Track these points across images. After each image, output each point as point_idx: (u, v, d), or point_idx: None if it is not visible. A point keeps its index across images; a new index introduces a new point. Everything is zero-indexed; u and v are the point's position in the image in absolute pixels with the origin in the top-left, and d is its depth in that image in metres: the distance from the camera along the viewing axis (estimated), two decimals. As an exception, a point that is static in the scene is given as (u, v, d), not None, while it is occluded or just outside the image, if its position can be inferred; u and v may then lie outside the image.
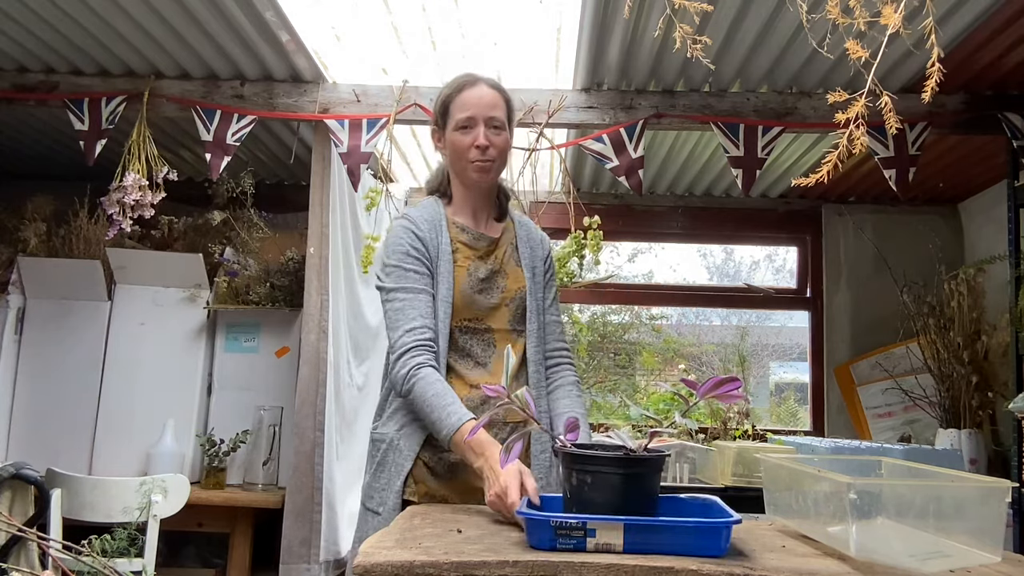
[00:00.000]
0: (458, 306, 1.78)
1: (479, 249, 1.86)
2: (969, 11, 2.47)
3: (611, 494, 1.27)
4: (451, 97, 1.84)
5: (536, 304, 1.88)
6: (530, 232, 1.97)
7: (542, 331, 1.89)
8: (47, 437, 3.19)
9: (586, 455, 1.32)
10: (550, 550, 1.20)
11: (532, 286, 1.88)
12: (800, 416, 5.96)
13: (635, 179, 3.02)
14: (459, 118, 1.81)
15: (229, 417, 3.25)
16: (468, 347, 1.79)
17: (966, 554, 1.22)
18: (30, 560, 2.19)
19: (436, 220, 1.85)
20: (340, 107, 3.12)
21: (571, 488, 1.31)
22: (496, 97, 1.83)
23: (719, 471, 3.15)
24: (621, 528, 1.20)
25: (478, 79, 1.85)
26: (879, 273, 3.91)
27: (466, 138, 1.80)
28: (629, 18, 2.55)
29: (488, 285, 1.82)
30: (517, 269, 1.88)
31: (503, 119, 1.83)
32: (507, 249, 1.90)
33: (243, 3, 2.59)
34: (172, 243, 3.65)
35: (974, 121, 3.01)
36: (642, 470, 1.31)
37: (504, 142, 1.84)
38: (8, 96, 3.15)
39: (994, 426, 3.43)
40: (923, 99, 1.35)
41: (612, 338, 4.90)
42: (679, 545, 1.20)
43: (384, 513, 1.71)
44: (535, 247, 1.95)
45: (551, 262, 2.00)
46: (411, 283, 1.76)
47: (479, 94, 1.82)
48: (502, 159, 1.86)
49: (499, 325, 1.82)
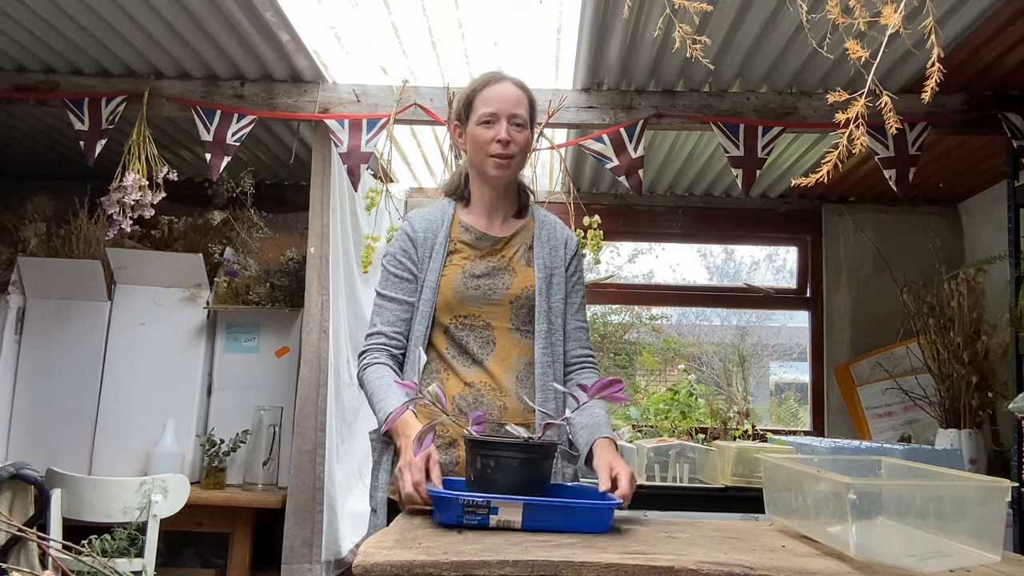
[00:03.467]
0: (450, 303, 1.80)
1: (481, 249, 1.86)
2: (969, 11, 2.47)
3: (511, 477, 1.40)
4: (476, 92, 1.85)
5: (547, 305, 1.83)
6: (553, 232, 1.93)
7: (555, 335, 1.84)
8: (47, 437, 3.19)
9: (489, 441, 1.46)
10: (457, 526, 1.34)
11: (544, 287, 1.84)
12: (800, 416, 5.95)
13: (635, 179, 3.02)
14: (482, 112, 1.81)
15: (229, 417, 3.25)
16: (465, 343, 1.80)
17: (966, 554, 1.22)
18: (30, 560, 2.19)
19: (439, 220, 1.87)
20: (340, 107, 3.12)
21: (475, 471, 1.45)
22: (521, 96, 1.84)
23: (719, 471, 3.16)
24: (521, 507, 1.36)
25: (504, 77, 1.86)
26: (879, 273, 3.91)
27: (488, 132, 1.81)
28: (629, 18, 2.55)
29: (485, 282, 1.81)
30: (528, 269, 1.85)
31: (526, 118, 1.84)
32: (520, 248, 1.88)
33: (243, 3, 2.59)
34: (172, 243, 3.65)
35: (974, 121, 3.01)
36: (536, 456, 1.45)
37: (525, 140, 1.84)
38: (8, 96, 3.15)
39: (994, 426, 3.43)
40: (923, 99, 1.35)
41: (612, 338, 4.89)
42: (571, 523, 1.38)
43: (378, 511, 1.75)
44: (556, 248, 1.90)
45: (577, 266, 1.94)
46: (388, 288, 1.84)
47: (504, 90, 1.83)
48: (522, 156, 1.86)
49: (500, 323, 1.81)
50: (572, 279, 1.92)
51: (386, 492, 1.75)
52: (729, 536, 1.40)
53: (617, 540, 1.31)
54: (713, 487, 3.13)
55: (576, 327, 1.90)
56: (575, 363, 1.88)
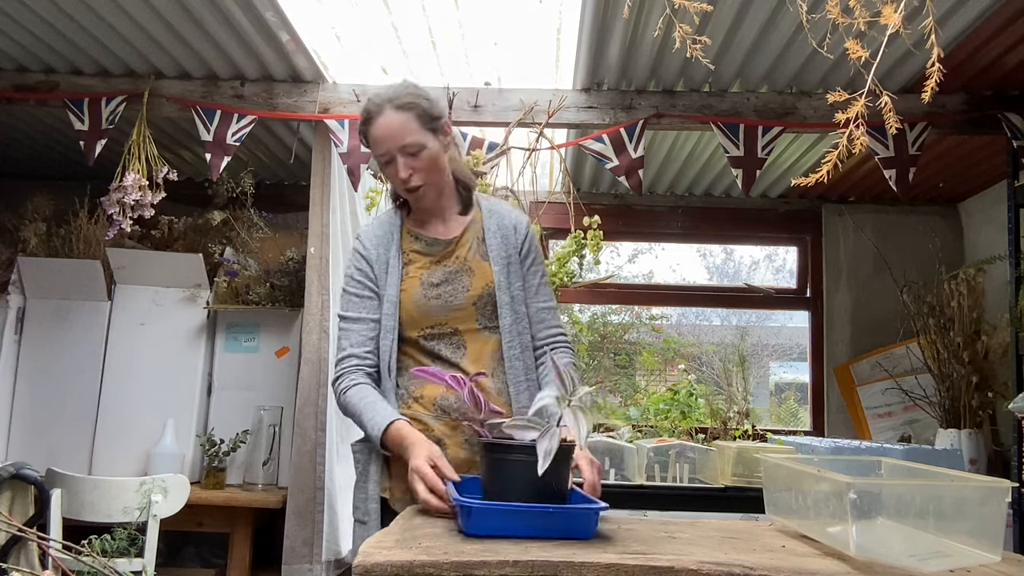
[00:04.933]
0: (415, 318, 1.79)
1: (434, 255, 1.84)
2: (969, 11, 2.47)
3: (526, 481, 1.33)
4: (364, 131, 1.81)
5: (508, 297, 1.81)
6: (502, 220, 1.89)
7: (520, 324, 1.82)
8: (47, 437, 3.19)
9: (500, 444, 1.40)
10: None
11: (503, 279, 1.81)
12: (800, 416, 5.95)
13: (635, 179, 3.02)
14: (377, 154, 1.80)
15: (229, 417, 3.25)
16: (438, 351, 1.80)
17: (966, 554, 1.22)
18: (30, 560, 2.19)
19: (388, 233, 1.87)
20: (340, 107, 3.12)
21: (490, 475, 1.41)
22: (402, 121, 1.74)
23: (719, 471, 3.16)
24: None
25: (382, 103, 1.76)
26: (879, 273, 3.91)
27: (389, 170, 1.80)
28: (629, 18, 2.55)
29: (445, 289, 1.80)
30: (484, 263, 1.83)
31: (418, 139, 1.75)
32: (471, 245, 1.86)
33: (243, 3, 2.59)
34: (172, 243, 3.65)
35: (974, 121, 3.01)
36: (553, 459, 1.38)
37: (426, 160, 1.77)
38: (8, 96, 3.15)
39: (994, 426, 3.43)
40: (923, 99, 1.35)
41: (612, 338, 4.89)
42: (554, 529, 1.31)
43: (369, 522, 1.74)
44: (507, 235, 1.87)
45: (531, 245, 1.90)
46: (351, 310, 1.82)
47: (386, 125, 1.75)
48: (431, 174, 1.79)
49: (467, 326, 1.81)
50: (527, 261, 1.88)
51: (377, 503, 1.75)
52: (729, 536, 1.39)
53: (617, 540, 1.31)
54: (713, 487, 3.13)
55: (540, 308, 1.87)
56: (545, 344, 1.86)
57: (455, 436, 1.77)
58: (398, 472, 1.74)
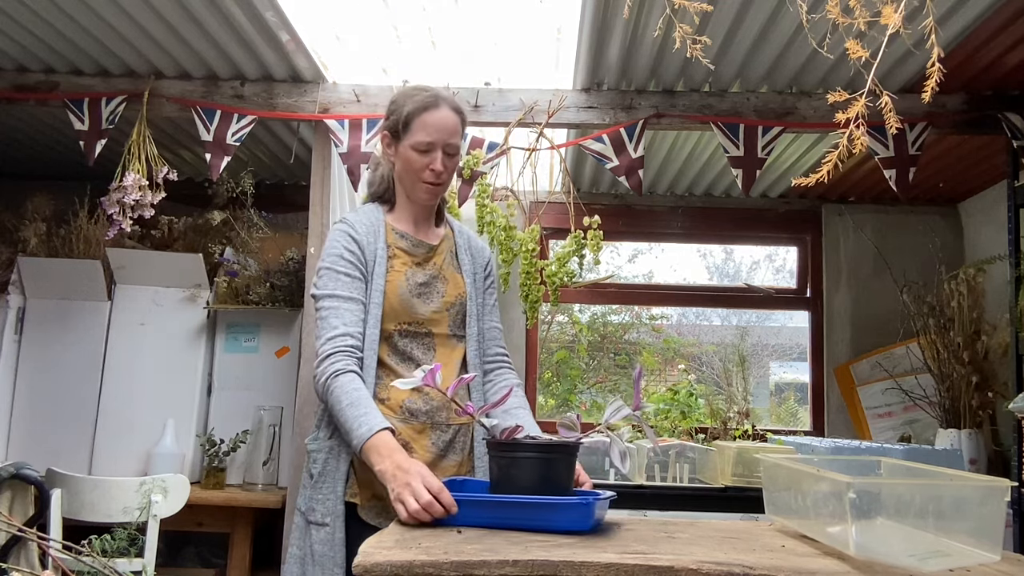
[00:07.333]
0: (396, 310, 1.81)
1: (417, 256, 1.90)
2: (969, 11, 2.47)
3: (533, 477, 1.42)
4: (414, 114, 1.84)
5: (476, 309, 1.92)
6: (470, 240, 2.03)
7: (481, 336, 1.94)
8: (47, 437, 3.19)
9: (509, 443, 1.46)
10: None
11: (472, 292, 1.93)
12: (800, 416, 5.95)
13: (635, 179, 3.02)
14: (419, 139, 1.83)
15: (229, 417, 3.25)
16: (408, 350, 1.82)
17: (966, 554, 1.22)
18: (30, 560, 2.19)
19: (375, 225, 1.88)
20: (340, 107, 3.12)
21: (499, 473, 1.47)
22: (457, 123, 1.86)
23: (719, 471, 3.16)
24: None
25: (441, 100, 1.85)
26: (879, 273, 3.91)
27: (423, 159, 1.84)
28: (629, 18, 2.54)
29: (427, 291, 1.86)
30: (457, 275, 1.93)
31: (458, 143, 1.88)
32: (446, 256, 1.94)
33: (243, 3, 2.59)
34: (172, 243, 3.65)
35: (974, 121, 3.01)
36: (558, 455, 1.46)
37: (454, 165, 1.90)
38: (8, 96, 3.15)
39: (994, 426, 3.43)
40: (923, 99, 1.35)
41: (612, 338, 4.90)
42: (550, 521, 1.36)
43: (331, 523, 1.70)
44: (476, 255, 2.01)
45: (491, 269, 2.05)
46: (340, 289, 1.78)
47: (443, 118, 1.84)
48: (451, 180, 1.93)
49: (440, 330, 1.86)
50: (487, 281, 2.01)
51: (343, 505, 1.71)
52: (729, 536, 1.39)
53: (617, 540, 1.31)
54: (713, 487, 3.13)
55: (491, 327, 2.00)
56: (493, 362, 1.98)
57: (420, 440, 1.77)
58: (365, 479, 1.72)
